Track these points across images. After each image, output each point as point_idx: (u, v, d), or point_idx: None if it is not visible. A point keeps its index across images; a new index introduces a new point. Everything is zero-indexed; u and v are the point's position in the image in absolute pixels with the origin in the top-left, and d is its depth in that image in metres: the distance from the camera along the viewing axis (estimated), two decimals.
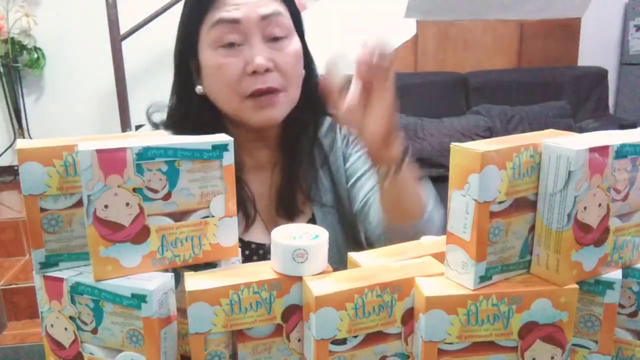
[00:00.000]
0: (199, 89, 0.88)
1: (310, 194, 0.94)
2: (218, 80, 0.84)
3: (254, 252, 0.92)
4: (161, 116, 0.95)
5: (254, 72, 0.81)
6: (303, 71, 0.89)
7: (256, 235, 0.93)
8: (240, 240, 0.92)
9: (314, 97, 0.91)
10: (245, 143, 0.91)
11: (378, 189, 0.85)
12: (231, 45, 0.82)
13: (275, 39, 0.84)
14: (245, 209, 0.91)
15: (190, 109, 0.89)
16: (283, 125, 0.91)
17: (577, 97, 3.34)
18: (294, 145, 0.93)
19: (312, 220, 0.94)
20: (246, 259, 0.90)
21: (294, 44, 0.86)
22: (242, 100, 0.84)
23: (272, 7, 0.83)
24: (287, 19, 0.85)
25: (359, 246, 0.96)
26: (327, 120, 0.98)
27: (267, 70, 0.82)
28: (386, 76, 0.75)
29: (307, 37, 0.92)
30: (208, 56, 0.84)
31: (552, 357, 0.51)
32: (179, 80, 0.91)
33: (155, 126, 0.94)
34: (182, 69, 0.89)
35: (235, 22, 0.81)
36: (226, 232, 0.57)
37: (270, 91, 0.83)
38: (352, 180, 0.96)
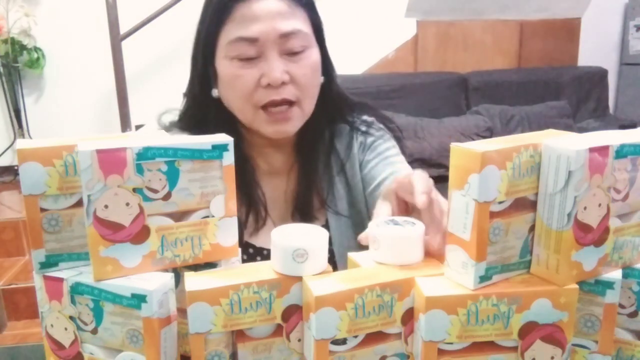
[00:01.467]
0: (214, 92, 0.88)
1: (327, 200, 0.93)
2: (233, 90, 0.84)
3: (267, 258, 0.92)
4: (171, 117, 0.94)
5: (269, 85, 0.81)
6: (321, 79, 0.89)
7: (268, 240, 0.91)
8: (252, 245, 0.92)
9: (331, 105, 0.91)
10: (259, 148, 0.92)
11: None
12: (248, 58, 0.82)
13: (293, 53, 0.83)
14: (257, 211, 0.90)
15: (206, 112, 0.89)
16: (299, 132, 0.90)
17: (577, 97, 3.35)
18: (310, 151, 0.93)
19: (326, 227, 0.93)
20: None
21: (312, 55, 0.85)
22: (256, 110, 0.84)
23: (292, 25, 0.82)
24: (306, 34, 0.84)
25: None
26: (345, 128, 0.97)
27: (283, 83, 0.82)
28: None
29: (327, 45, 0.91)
30: (224, 66, 0.84)
31: (552, 357, 0.51)
32: (195, 83, 0.90)
33: (167, 128, 0.93)
34: (199, 73, 0.89)
35: (253, 40, 0.81)
36: (226, 232, 0.57)
37: (285, 103, 0.83)
38: (371, 187, 0.94)
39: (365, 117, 0.98)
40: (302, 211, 0.92)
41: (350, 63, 3.11)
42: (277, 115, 0.83)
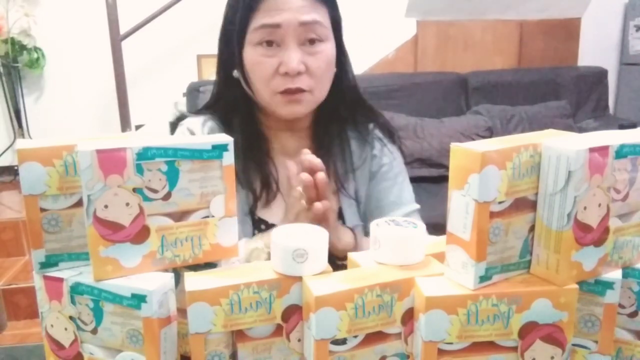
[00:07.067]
0: (235, 73, 0.96)
1: (343, 185, 1.00)
2: (255, 75, 0.93)
3: None
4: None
5: (286, 73, 0.89)
6: (334, 70, 0.96)
7: (277, 217, 0.96)
8: (264, 222, 0.97)
9: (343, 95, 1.00)
10: (274, 130, 1.01)
11: None
12: (269, 44, 0.90)
13: (311, 43, 0.91)
14: (269, 185, 0.97)
15: (227, 92, 1.00)
16: (312, 120, 1.01)
17: (577, 97, 3.34)
18: (324, 137, 1.02)
19: (339, 212, 0.99)
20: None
21: (328, 49, 0.93)
22: (273, 94, 0.92)
23: (312, 16, 0.90)
24: (324, 27, 0.92)
25: None
26: (362, 130, 1.04)
27: (299, 73, 0.90)
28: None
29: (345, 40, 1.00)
30: (249, 53, 0.92)
31: (552, 357, 0.51)
32: (222, 66, 1.00)
33: (198, 112, 1.03)
34: (225, 56, 0.98)
35: (276, 26, 0.88)
36: (226, 232, 0.57)
37: (299, 91, 0.91)
38: (378, 205, 1.02)
39: (381, 135, 1.05)
40: None
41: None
42: (290, 98, 0.92)
